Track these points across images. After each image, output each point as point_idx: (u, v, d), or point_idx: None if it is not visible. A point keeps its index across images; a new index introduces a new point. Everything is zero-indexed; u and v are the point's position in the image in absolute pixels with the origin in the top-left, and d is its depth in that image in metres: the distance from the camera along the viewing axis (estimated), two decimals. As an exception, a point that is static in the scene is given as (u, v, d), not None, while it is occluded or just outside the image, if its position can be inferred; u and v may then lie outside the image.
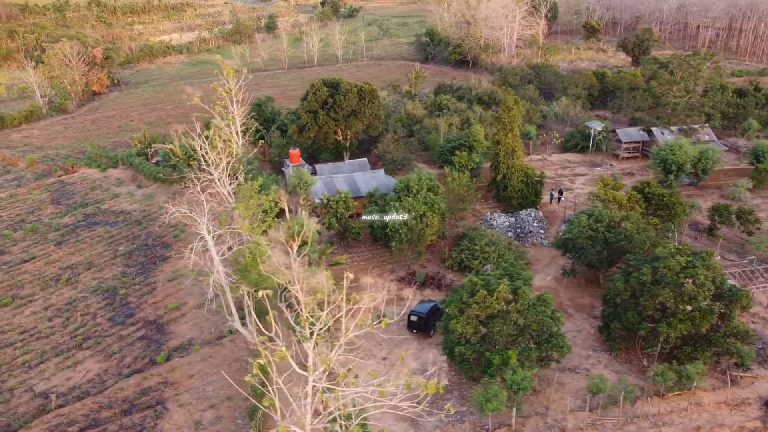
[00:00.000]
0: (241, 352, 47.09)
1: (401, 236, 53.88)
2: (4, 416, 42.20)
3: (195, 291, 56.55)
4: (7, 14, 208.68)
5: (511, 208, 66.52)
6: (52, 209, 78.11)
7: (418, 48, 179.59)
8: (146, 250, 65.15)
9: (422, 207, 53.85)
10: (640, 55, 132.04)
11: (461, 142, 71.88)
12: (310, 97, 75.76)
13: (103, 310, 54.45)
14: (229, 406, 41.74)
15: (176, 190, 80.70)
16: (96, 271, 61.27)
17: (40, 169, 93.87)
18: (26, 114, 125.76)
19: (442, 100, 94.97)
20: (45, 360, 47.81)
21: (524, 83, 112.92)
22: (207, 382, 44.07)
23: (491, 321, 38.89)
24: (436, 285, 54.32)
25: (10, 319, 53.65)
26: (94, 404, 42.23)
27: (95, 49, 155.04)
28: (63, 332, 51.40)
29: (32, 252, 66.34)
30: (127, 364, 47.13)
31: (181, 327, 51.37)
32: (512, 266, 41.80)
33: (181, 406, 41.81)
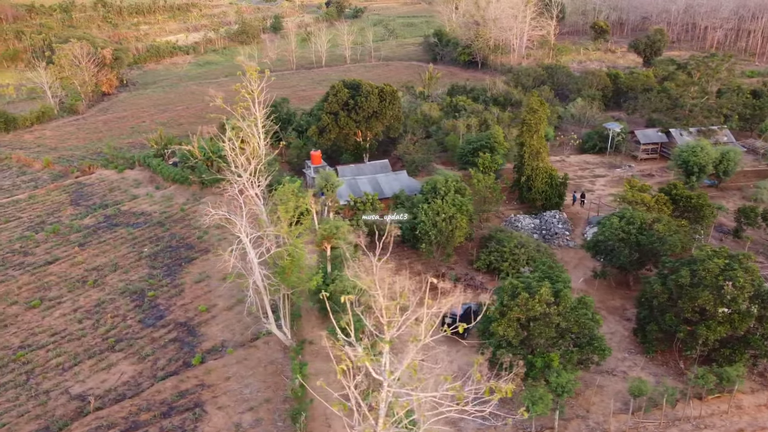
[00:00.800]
0: (275, 354, 47.08)
1: (431, 238, 53.88)
2: (42, 418, 42.21)
3: (224, 293, 56.56)
4: (14, 15, 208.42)
5: (535, 209, 66.54)
6: (71, 210, 78.11)
7: (426, 48, 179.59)
8: (171, 251, 65.13)
9: (451, 209, 53.85)
10: (652, 56, 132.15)
11: (482, 144, 71.91)
12: (331, 99, 75.76)
13: (132, 312, 54.44)
14: (268, 408, 41.74)
15: (195, 192, 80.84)
16: (122, 272, 61.25)
17: (57, 170, 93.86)
18: (38, 115, 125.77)
19: (458, 101, 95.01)
20: (79, 362, 47.80)
21: (537, 84, 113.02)
22: (244, 385, 44.07)
23: (532, 324, 38.91)
24: (467, 287, 54.26)
25: (39, 321, 53.65)
26: (132, 407, 42.22)
27: (105, 50, 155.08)
28: (94, 334, 51.39)
29: (55, 254, 66.34)
30: (161, 366, 47.11)
31: (213, 329, 51.36)
32: (551, 269, 41.83)
33: (220, 409, 41.81)
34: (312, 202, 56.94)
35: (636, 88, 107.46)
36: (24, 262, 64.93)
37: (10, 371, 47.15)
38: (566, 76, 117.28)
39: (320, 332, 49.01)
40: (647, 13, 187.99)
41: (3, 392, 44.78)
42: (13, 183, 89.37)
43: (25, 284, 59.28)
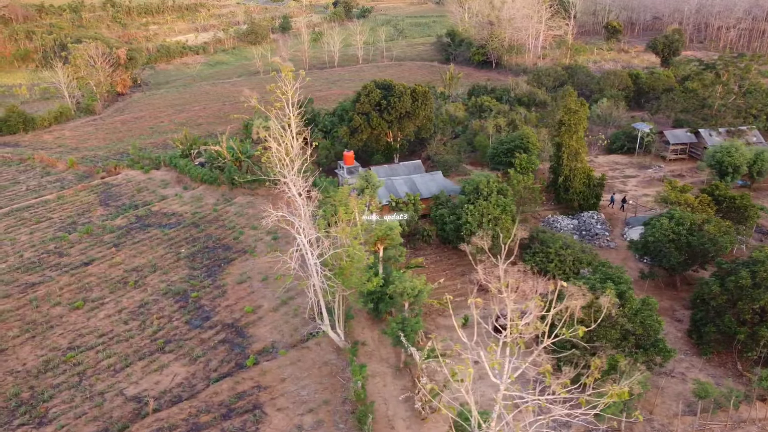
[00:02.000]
0: (329, 355, 46.95)
1: (476, 239, 53.63)
2: (100, 420, 42.07)
3: (267, 294, 56.47)
4: (24, 15, 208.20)
5: (572, 210, 66.46)
6: (101, 211, 77.97)
7: (439, 48, 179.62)
8: (208, 252, 65.00)
9: (496, 210, 53.76)
10: (670, 56, 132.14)
11: (516, 144, 71.77)
12: (363, 99, 75.64)
13: (177, 313, 54.30)
14: (327, 410, 41.62)
15: (224, 192, 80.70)
16: (161, 273, 61.11)
17: (81, 171, 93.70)
18: (56, 115, 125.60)
19: (482, 102, 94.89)
20: (130, 364, 47.66)
21: (558, 84, 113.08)
22: (300, 386, 43.94)
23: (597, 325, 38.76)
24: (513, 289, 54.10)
25: (84, 322, 53.51)
26: (191, 408, 42.09)
27: (119, 50, 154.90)
28: (142, 335, 51.25)
29: (91, 254, 66.19)
30: (213, 367, 46.99)
31: (261, 330, 51.23)
32: (611, 270, 41.74)
33: (279, 411, 41.69)
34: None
35: (657, 88, 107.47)
36: (60, 263, 64.77)
37: (62, 372, 46.99)
38: (586, 76, 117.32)
39: (371, 333, 49.05)
40: (659, 13, 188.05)
41: (57, 394, 44.61)
42: (39, 183, 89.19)
43: (66, 285, 59.11)
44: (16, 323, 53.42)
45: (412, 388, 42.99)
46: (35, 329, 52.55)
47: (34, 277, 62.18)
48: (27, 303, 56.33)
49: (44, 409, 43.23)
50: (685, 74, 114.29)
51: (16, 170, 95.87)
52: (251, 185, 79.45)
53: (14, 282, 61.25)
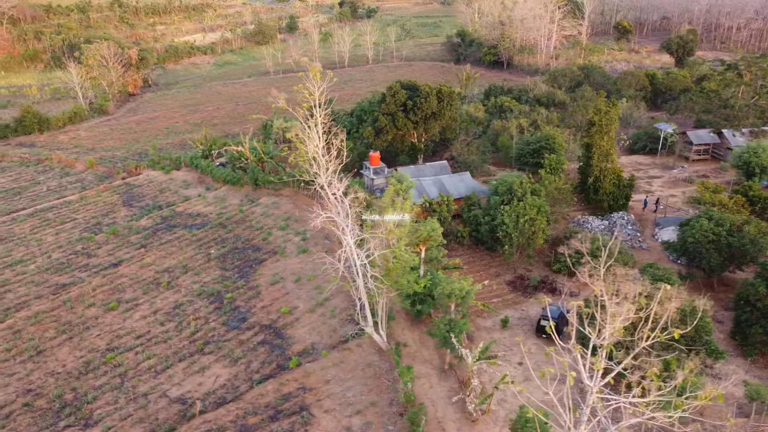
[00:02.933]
0: (371, 357, 46.84)
1: (512, 240, 53.69)
2: (146, 422, 41.95)
3: (302, 295, 56.36)
4: (32, 15, 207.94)
5: (602, 211, 66.40)
6: (125, 212, 77.84)
7: (449, 49, 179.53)
8: (238, 253, 64.87)
9: (532, 211, 53.70)
10: (684, 56, 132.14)
11: (542, 145, 71.69)
12: (388, 100, 75.55)
13: (213, 314, 54.19)
14: (375, 412, 41.51)
15: (248, 193, 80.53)
16: (193, 274, 60.99)
17: (100, 171, 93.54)
18: (70, 115, 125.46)
19: (502, 102, 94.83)
20: (171, 365, 47.54)
21: (574, 85, 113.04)
22: (345, 388, 43.83)
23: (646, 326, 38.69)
24: (549, 289, 54.20)
25: (121, 323, 53.37)
26: (238, 410, 41.98)
27: (131, 50, 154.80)
28: (180, 337, 51.13)
29: (119, 255, 66.07)
30: (255, 369, 46.87)
31: (299, 331, 51.11)
32: (659, 271, 41.67)
33: (326, 412, 41.58)
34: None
35: (674, 88, 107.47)
36: (89, 263, 64.65)
37: (103, 374, 46.86)
38: (601, 76, 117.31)
39: (411, 335, 48.95)
40: (668, 13, 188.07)
41: (101, 395, 44.48)
42: (59, 184, 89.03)
43: (98, 286, 58.97)
44: (52, 324, 53.29)
45: (459, 389, 42.88)
46: (72, 330, 52.41)
47: (64, 278, 62.05)
48: (61, 304, 56.18)
49: (89, 410, 43.11)
50: (701, 74, 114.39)
51: (34, 171, 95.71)
52: (275, 186, 79.33)
53: (44, 283, 61.12)
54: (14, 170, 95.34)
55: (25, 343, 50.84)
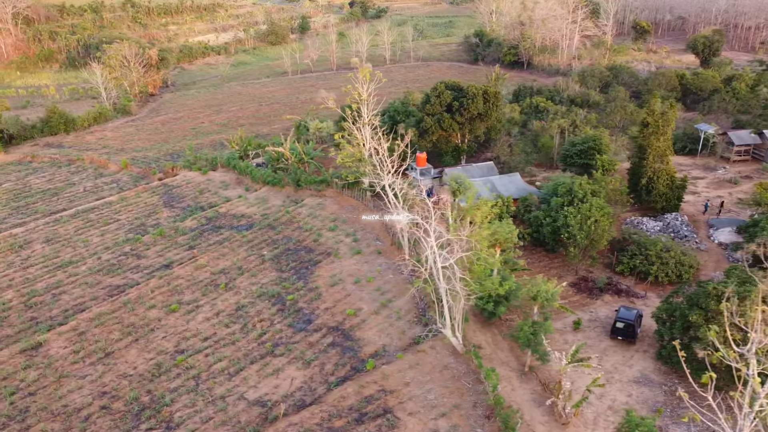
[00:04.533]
0: (446, 359, 46.66)
1: (578, 242, 53.55)
2: (228, 424, 41.74)
3: (365, 297, 56.17)
4: (46, 15, 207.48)
5: (653, 212, 66.28)
6: (167, 213, 77.59)
7: (467, 49, 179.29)
8: (291, 254, 64.65)
9: (599, 212, 53.58)
10: (710, 56, 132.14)
11: (590, 146, 71.54)
12: (434, 101, 75.39)
13: (277, 316, 53.97)
14: (460, 414, 41.33)
15: (289, 194, 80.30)
16: (250, 276, 60.76)
17: (135, 172, 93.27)
18: (95, 116, 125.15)
19: (538, 102, 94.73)
20: (243, 368, 47.31)
21: (603, 85, 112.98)
22: (425, 390, 43.64)
23: (739, 329, 38.56)
24: (615, 291, 54.07)
25: (185, 325, 53.14)
26: (322, 413, 41.77)
27: (151, 50, 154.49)
28: (247, 339, 50.91)
29: (168, 257, 65.85)
30: (329, 371, 46.66)
31: (367, 333, 50.91)
32: (743, 272, 41.57)
33: (411, 415, 41.39)
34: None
35: (705, 88, 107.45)
36: (139, 265, 64.43)
37: (176, 376, 46.62)
38: (629, 76, 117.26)
39: (484, 336, 48.78)
40: (685, 13, 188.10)
41: (177, 398, 44.25)
42: (95, 184, 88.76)
43: (156, 288, 58.72)
44: (116, 326, 53.04)
45: (542, 392, 42.72)
46: (137, 332, 52.17)
47: (116, 279, 61.83)
48: (121, 306, 55.94)
49: (168, 413, 42.86)
50: (728, 75, 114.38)
51: (67, 171, 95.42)
52: (318, 186, 79.15)
53: (98, 284, 60.91)
54: (47, 171, 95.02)
55: (91, 345, 50.58)
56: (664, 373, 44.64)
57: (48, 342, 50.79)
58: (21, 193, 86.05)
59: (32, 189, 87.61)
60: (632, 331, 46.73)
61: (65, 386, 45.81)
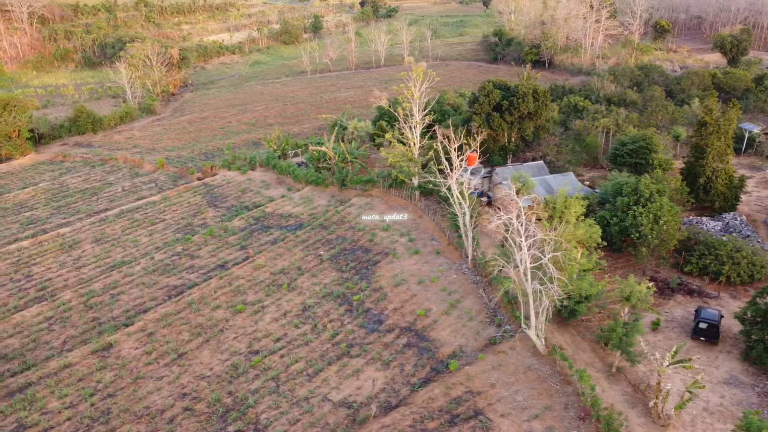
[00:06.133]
0: (528, 359, 46.23)
1: (649, 242, 53.16)
2: (317, 426, 41.30)
3: (431, 297, 55.75)
4: (61, 15, 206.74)
5: (711, 211, 65.93)
6: (212, 212, 77.10)
7: (486, 48, 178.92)
8: (348, 254, 64.19)
9: (671, 211, 53.22)
10: (738, 55, 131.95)
11: (641, 145, 71.15)
12: (482, 100, 74.97)
13: (345, 316, 53.52)
14: (552, 416, 40.92)
15: (333, 193, 79.82)
16: (310, 276, 60.29)
17: (171, 172, 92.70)
18: (121, 115, 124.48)
19: (576, 102, 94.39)
20: (322, 369, 46.84)
21: (633, 84, 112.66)
22: (513, 392, 43.23)
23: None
24: (686, 291, 53.71)
25: (253, 325, 52.65)
26: (413, 414, 41.32)
27: (172, 50, 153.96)
28: (320, 339, 50.44)
29: (222, 257, 65.36)
30: (410, 372, 46.23)
31: (441, 334, 50.48)
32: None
33: (503, 417, 40.97)
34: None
35: (738, 87, 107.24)
36: (194, 265, 63.95)
37: (255, 377, 46.15)
38: (660, 75, 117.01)
39: (562, 337, 48.36)
40: (703, 12, 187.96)
41: (260, 399, 43.78)
42: (133, 184, 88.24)
43: (218, 288, 58.22)
44: (184, 327, 52.55)
45: (633, 393, 42.33)
46: (206, 333, 51.69)
47: (172, 279, 61.35)
48: (186, 306, 55.45)
49: (254, 414, 42.38)
50: (758, 74, 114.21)
51: (102, 171, 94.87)
52: (364, 186, 78.67)
53: (155, 284, 60.43)
54: (80, 170, 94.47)
55: (162, 345, 50.09)
56: (753, 374, 44.31)
57: (118, 343, 50.23)
58: (59, 193, 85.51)
59: (70, 188, 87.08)
60: (715, 332, 46.38)
61: (143, 387, 45.28)
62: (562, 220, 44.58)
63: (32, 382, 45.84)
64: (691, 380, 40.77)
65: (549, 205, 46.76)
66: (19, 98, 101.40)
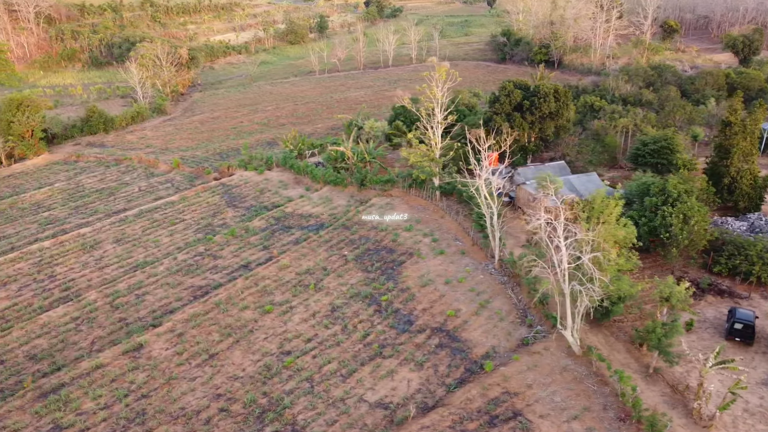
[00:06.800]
0: (563, 360, 46.07)
1: (679, 242, 53.04)
2: (355, 427, 41.13)
3: (459, 297, 55.59)
4: (67, 14, 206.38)
5: (735, 211, 65.82)
6: (231, 213, 76.91)
7: (494, 48, 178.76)
8: (372, 255, 64.03)
9: (702, 210, 53.11)
10: (750, 55, 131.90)
11: (663, 145, 71.04)
12: (503, 100, 74.85)
13: (375, 317, 53.35)
14: (592, 417, 40.77)
15: (352, 193, 79.64)
16: (336, 276, 60.12)
17: (187, 172, 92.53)
18: (132, 115, 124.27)
19: (592, 102, 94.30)
20: (355, 369, 46.68)
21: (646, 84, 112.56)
22: (550, 392, 43.07)
23: None
24: (717, 291, 53.60)
25: (282, 326, 52.48)
26: (452, 415, 41.17)
27: (181, 50, 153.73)
28: (351, 340, 50.28)
29: (244, 257, 65.17)
30: (444, 373, 46.07)
31: (473, 335, 50.33)
32: None
33: (542, 418, 40.82)
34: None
35: (752, 87, 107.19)
36: (217, 265, 63.75)
37: (289, 378, 45.97)
38: (672, 75, 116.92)
39: (595, 338, 48.22)
40: (710, 12, 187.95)
41: (296, 400, 43.59)
42: (150, 184, 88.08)
43: (245, 288, 58.03)
44: (213, 327, 52.37)
45: (672, 394, 42.21)
46: (236, 333, 51.51)
47: (197, 279, 61.16)
48: (213, 307, 55.25)
49: (291, 415, 42.22)
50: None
51: (117, 171, 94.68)
52: (384, 186, 78.52)
53: (180, 285, 60.24)
54: (95, 171, 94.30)
55: (193, 346, 49.91)
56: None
57: (149, 343, 50.04)
58: (75, 193, 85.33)
59: (86, 188, 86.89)
60: (751, 332, 46.28)
61: (177, 388, 45.10)
62: (599, 221, 44.34)
63: (65, 382, 45.60)
64: (730, 381, 40.64)
65: (587, 205, 46.46)
66: (32, 98, 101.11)
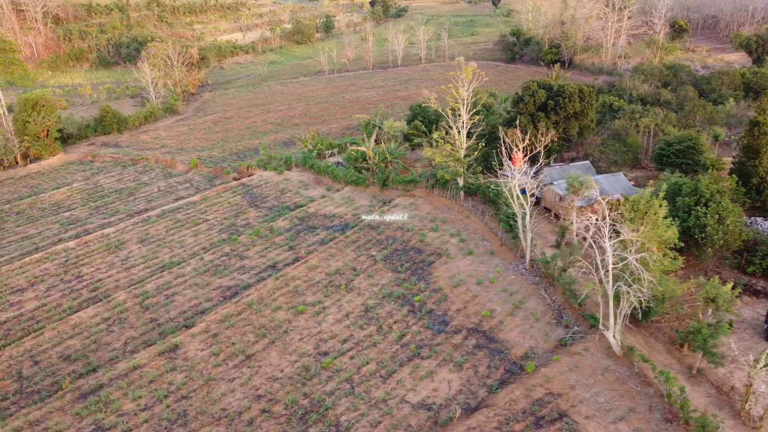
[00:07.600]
0: (604, 361, 45.87)
1: (714, 242, 52.87)
2: (400, 428, 40.92)
3: (492, 297, 55.41)
4: (74, 14, 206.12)
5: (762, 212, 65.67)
6: (254, 213, 76.72)
7: (503, 48, 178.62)
8: (400, 255, 63.83)
9: (737, 211, 52.96)
10: (764, 55, 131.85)
11: (688, 145, 70.89)
12: (527, 99, 74.68)
13: (409, 317, 53.15)
14: (638, 418, 40.57)
15: (374, 193, 79.45)
16: (367, 276, 59.92)
17: (205, 172, 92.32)
18: (146, 115, 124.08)
19: (611, 101, 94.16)
20: (395, 370, 46.45)
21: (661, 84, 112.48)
22: (593, 393, 42.87)
23: None
24: (752, 292, 53.45)
25: (317, 326, 52.26)
26: (497, 416, 40.96)
27: (192, 49, 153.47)
28: (387, 341, 50.08)
29: (271, 257, 64.98)
30: (484, 374, 45.88)
31: (510, 335, 50.15)
32: None
33: (588, 419, 40.61)
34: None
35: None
36: (244, 266, 63.55)
37: (328, 379, 45.74)
38: (687, 75, 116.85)
39: (634, 338, 48.03)
40: (718, 12, 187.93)
41: (337, 401, 43.37)
42: (168, 184, 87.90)
43: (276, 289, 57.81)
44: (247, 328, 52.15)
45: (717, 395, 42.04)
46: (271, 334, 51.31)
47: (225, 280, 60.95)
48: (246, 307, 55.03)
49: (334, 416, 42.00)
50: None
51: (134, 171, 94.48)
52: (406, 186, 78.33)
53: (208, 285, 60.05)
54: (112, 171, 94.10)
55: (228, 347, 49.70)
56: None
57: (184, 344, 49.82)
58: (95, 193, 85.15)
59: (104, 189, 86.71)
60: (790, 333, 46.09)
61: (216, 389, 44.88)
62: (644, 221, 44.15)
63: (103, 383, 45.38)
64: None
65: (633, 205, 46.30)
66: (47, 98, 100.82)
